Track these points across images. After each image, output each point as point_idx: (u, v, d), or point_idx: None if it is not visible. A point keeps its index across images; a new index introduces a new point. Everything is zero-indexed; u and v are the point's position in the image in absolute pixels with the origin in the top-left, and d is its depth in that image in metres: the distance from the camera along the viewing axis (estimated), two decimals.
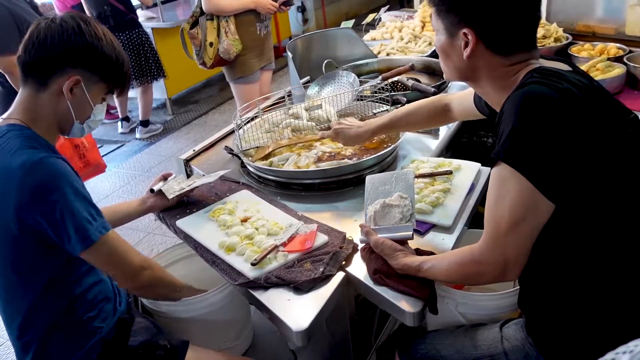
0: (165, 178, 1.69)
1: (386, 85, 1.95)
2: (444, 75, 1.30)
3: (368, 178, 1.47)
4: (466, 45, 1.15)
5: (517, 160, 1.02)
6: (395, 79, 2.19)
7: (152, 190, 1.62)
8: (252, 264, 1.31)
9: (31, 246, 1.23)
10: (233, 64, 3.14)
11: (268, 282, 1.28)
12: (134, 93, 4.87)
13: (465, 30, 1.14)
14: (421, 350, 1.37)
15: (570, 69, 1.16)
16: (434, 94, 2.06)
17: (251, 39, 3.12)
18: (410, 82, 2.12)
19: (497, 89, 1.18)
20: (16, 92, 1.34)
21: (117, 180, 4.23)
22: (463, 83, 1.32)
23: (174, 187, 1.64)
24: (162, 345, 1.39)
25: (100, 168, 3.12)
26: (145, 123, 4.90)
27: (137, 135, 4.91)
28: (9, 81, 2.76)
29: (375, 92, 1.98)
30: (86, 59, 1.28)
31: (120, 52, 1.34)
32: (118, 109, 5.04)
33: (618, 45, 2.47)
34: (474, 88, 1.29)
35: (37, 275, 1.27)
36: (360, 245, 1.37)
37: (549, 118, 1.02)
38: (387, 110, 1.94)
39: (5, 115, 1.31)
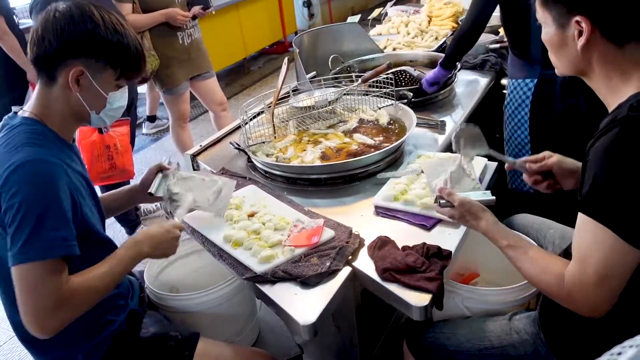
0: (161, 170, 1.57)
1: (390, 79, 1.94)
2: (555, 71, 1.19)
3: (422, 162, 1.62)
4: (580, 34, 1.06)
5: (604, 215, 0.98)
6: (402, 68, 2.19)
7: (150, 194, 1.52)
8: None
9: None
10: (159, 76, 3.16)
11: (275, 277, 1.29)
12: (141, 89, 4.88)
13: (577, 18, 1.06)
14: (429, 338, 1.38)
15: None
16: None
17: (173, 50, 3.11)
18: (416, 73, 2.12)
19: (608, 88, 1.10)
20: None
21: None
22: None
23: (178, 199, 1.52)
24: (173, 336, 1.40)
25: (127, 174, 2.92)
26: (152, 118, 4.91)
27: (144, 131, 4.92)
28: None
29: (381, 87, 1.98)
30: (85, 48, 1.23)
31: (124, 34, 1.27)
32: None
33: None
34: (588, 83, 1.18)
35: None
36: (368, 242, 1.38)
37: (636, 171, 0.96)
38: (392, 104, 1.94)
39: (25, 107, 1.31)
